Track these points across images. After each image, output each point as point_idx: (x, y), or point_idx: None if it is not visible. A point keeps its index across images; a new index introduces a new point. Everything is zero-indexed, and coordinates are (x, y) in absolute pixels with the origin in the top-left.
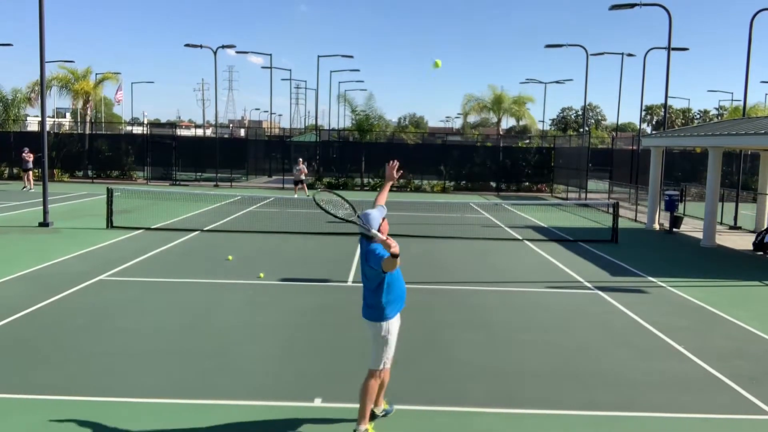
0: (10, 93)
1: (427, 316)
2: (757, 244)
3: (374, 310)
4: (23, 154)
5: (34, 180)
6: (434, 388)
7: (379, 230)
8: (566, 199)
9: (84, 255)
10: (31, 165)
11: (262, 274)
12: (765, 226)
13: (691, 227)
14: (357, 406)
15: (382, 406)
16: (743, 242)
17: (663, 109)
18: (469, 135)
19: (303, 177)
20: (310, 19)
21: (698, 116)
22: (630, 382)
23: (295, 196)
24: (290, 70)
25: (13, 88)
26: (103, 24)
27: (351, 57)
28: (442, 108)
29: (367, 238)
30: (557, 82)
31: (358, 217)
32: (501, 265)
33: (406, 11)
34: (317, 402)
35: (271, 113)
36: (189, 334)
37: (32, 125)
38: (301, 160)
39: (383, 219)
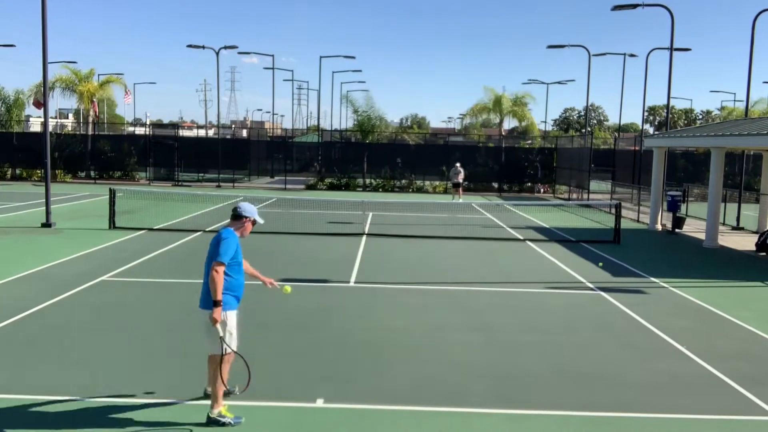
0: (12, 94)
1: (428, 316)
2: (760, 245)
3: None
4: None
5: (35, 180)
6: (435, 389)
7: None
8: (568, 199)
9: (86, 255)
10: None
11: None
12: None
13: (694, 228)
14: (359, 406)
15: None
16: (746, 243)
17: (665, 110)
18: (472, 136)
19: (460, 180)
20: (312, 20)
21: (701, 117)
22: (631, 383)
23: (460, 200)
24: (292, 70)
25: (16, 89)
26: (105, 25)
27: (353, 58)
28: (444, 108)
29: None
30: (559, 82)
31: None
32: (503, 265)
33: (408, 12)
34: (319, 403)
35: (273, 114)
36: (190, 334)
37: (35, 126)
38: (459, 164)
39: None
